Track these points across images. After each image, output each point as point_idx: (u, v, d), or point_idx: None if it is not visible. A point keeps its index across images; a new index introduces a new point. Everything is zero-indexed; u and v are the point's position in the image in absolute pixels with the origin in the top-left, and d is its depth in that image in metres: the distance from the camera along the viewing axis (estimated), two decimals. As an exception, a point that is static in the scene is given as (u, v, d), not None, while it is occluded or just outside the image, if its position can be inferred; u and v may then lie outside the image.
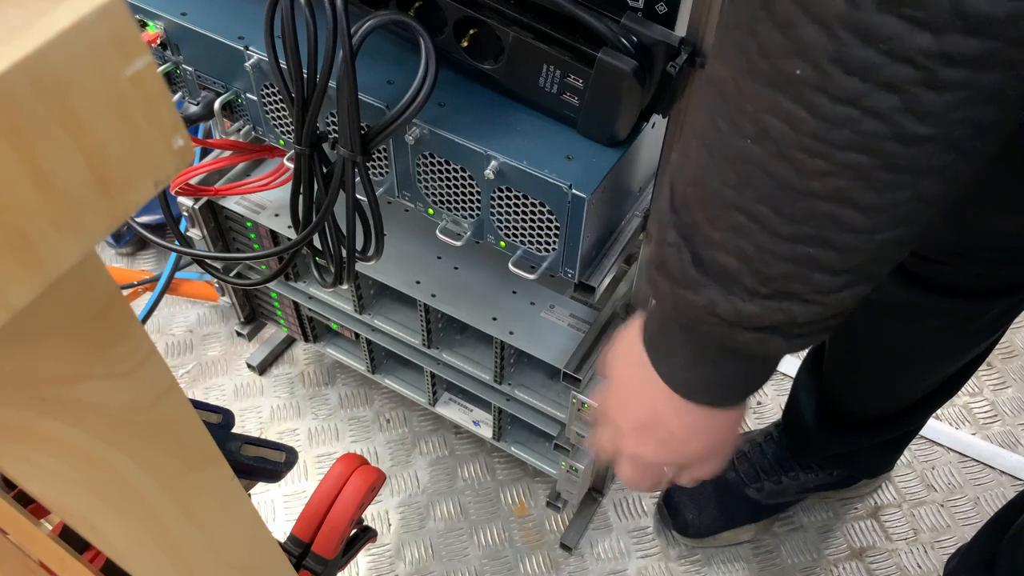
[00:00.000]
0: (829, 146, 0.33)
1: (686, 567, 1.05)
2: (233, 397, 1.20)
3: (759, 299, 0.39)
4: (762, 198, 0.36)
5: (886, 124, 0.31)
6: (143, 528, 0.32)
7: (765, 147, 0.35)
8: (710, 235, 0.39)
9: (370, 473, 0.65)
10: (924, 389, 0.88)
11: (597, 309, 0.82)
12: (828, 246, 0.36)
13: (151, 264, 1.34)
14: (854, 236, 0.35)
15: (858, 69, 0.31)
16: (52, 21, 0.17)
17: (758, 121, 0.35)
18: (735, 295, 0.39)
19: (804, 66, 0.32)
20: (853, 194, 0.34)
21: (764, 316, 0.39)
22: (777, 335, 0.40)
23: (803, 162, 0.34)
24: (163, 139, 0.21)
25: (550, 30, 0.57)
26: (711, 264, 0.39)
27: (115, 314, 0.25)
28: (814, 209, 0.35)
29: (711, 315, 0.40)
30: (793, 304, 0.38)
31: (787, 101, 0.33)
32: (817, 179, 0.34)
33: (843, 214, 0.35)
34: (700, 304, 0.40)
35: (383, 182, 0.68)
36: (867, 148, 0.32)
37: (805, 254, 0.36)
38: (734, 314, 0.40)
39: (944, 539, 1.07)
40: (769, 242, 0.37)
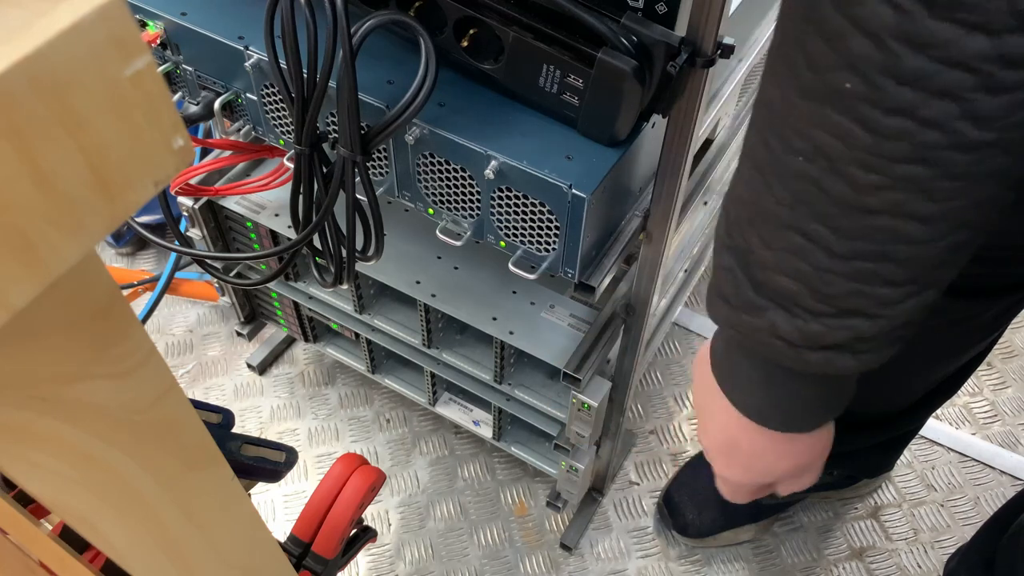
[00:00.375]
0: (884, 160, 0.32)
1: (686, 567, 1.05)
2: (233, 397, 1.20)
3: (822, 318, 0.38)
4: (817, 216, 0.35)
5: (943, 133, 0.31)
6: (143, 528, 0.32)
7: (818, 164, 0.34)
8: (765, 257, 0.38)
9: (370, 473, 0.65)
10: (924, 388, 0.88)
11: (597, 309, 0.82)
12: (888, 260, 0.35)
13: (151, 264, 1.34)
14: (914, 247, 0.34)
15: (911, 79, 0.30)
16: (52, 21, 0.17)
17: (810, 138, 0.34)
18: (797, 316, 0.38)
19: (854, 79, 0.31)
20: (911, 206, 0.33)
21: (829, 335, 0.38)
22: (845, 352, 0.39)
23: (858, 177, 0.33)
24: (163, 139, 0.21)
25: (550, 30, 0.57)
26: (768, 286, 0.39)
27: (115, 314, 0.25)
28: (872, 224, 0.34)
29: (774, 338, 0.39)
30: (858, 320, 0.37)
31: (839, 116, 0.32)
32: (873, 194, 0.33)
33: (902, 227, 0.34)
34: (762, 327, 0.40)
35: (383, 182, 0.68)
36: (924, 159, 0.31)
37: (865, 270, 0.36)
38: (798, 335, 0.39)
39: (944, 539, 1.07)
40: (827, 261, 0.36)
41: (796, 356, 0.40)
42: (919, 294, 0.37)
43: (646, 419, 1.18)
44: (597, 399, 0.78)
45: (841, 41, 0.31)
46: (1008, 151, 0.31)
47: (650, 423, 1.18)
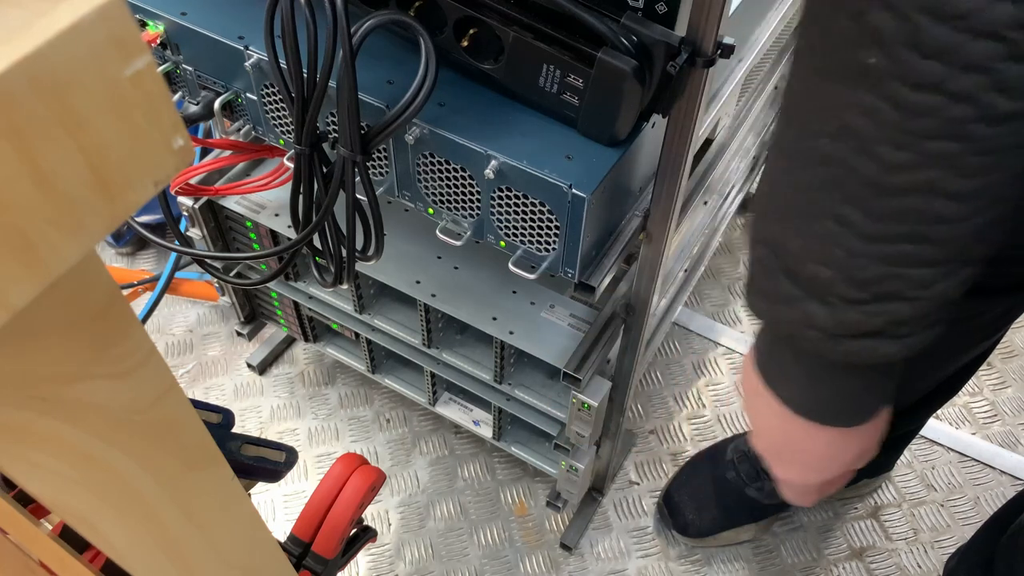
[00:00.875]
0: (914, 137, 0.31)
1: (686, 567, 1.05)
2: (233, 397, 1.20)
3: (858, 305, 0.37)
4: (847, 199, 0.34)
5: (973, 106, 0.30)
6: (143, 528, 0.32)
7: (847, 145, 0.33)
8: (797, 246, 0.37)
9: (370, 473, 0.65)
10: (925, 389, 0.88)
11: (597, 309, 0.82)
12: (923, 240, 0.34)
13: (151, 264, 1.34)
14: (948, 226, 0.34)
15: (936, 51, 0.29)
16: (52, 21, 0.17)
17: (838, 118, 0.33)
18: (832, 305, 0.37)
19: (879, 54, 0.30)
20: (944, 183, 0.32)
21: (867, 321, 0.37)
22: (884, 339, 0.38)
23: (888, 156, 0.32)
24: (163, 139, 0.21)
25: (550, 30, 0.57)
26: (802, 276, 0.38)
27: (115, 314, 0.25)
28: (904, 204, 0.33)
29: (811, 328, 0.39)
30: (895, 304, 0.36)
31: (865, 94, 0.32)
32: (904, 173, 0.32)
33: (935, 205, 0.33)
34: (797, 319, 0.39)
35: (383, 182, 0.68)
36: (955, 134, 0.31)
37: (900, 252, 0.35)
38: (835, 324, 0.38)
39: (944, 539, 1.07)
40: (860, 245, 0.35)
41: (835, 346, 0.39)
42: (956, 273, 0.36)
43: (646, 419, 1.18)
44: (597, 399, 0.78)
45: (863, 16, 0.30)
46: None
47: (650, 423, 1.18)
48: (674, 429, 1.17)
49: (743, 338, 1.26)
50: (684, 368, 1.23)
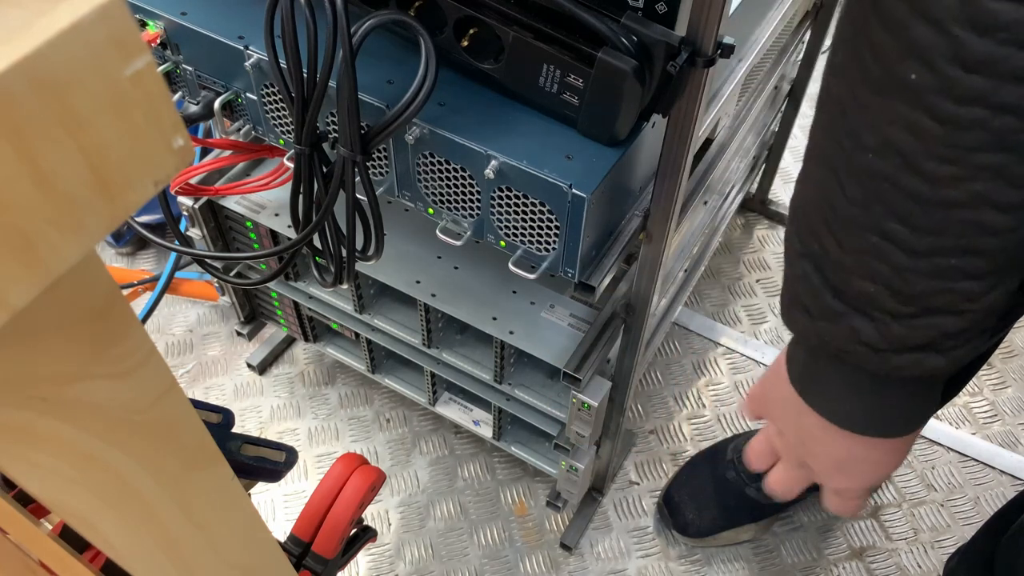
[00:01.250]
0: (960, 150, 0.31)
1: (686, 567, 1.05)
2: (233, 397, 1.20)
3: (905, 319, 0.36)
4: (893, 214, 0.34)
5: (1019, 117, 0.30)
6: (143, 528, 0.32)
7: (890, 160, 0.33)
8: (841, 260, 0.37)
9: (370, 473, 0.65)
10: None
11: (597, 309, 0.82)
12: (971, 253, 0.34)
13: (151, 264, 1.34)
14: (997, 238, 0.33)
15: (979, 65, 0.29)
16: (52, 21, 0.17)
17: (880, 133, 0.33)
18: (878, 320, 0.37)
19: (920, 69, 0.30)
20: (992, 196, 0.32)
21: (914, 336, 0.37)
22: (930, 352, 0.38)
23: (933, 171, 0.32)
24: (163, 139, 0.21)
25: (550, 30, 0.57)
26: (848, 291, 0.37)
27: (115, 314, 0.25)
28: (951, 218, 0.33)
29: (857, 344, 0.38)
30: (942, 318, 0.36)
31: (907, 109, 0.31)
32: (951, 187, 0.32)
33: (984, 218, 0.33)
34: (843, 335, 0.38)
35: (383, 182, 0.68)
36: (1002, 146, 0.30)
37: (947, 266, 0.34)
38: (881, 339, 0.38)
39: (944, 539, 1.07)
40: (906, 260, 0.35)
41: (881, 361, 0.38)
42: (1003, 284, 0.36)
43: (646, 419, 1.18)
44: (597, 399, 0.78)
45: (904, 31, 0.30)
46: None
47: (650, 423, 1.18)
48: (674, 429, 1.17)
49: (743, 338, 1.26)
50: (684, 368, 1.23)
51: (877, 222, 0.35)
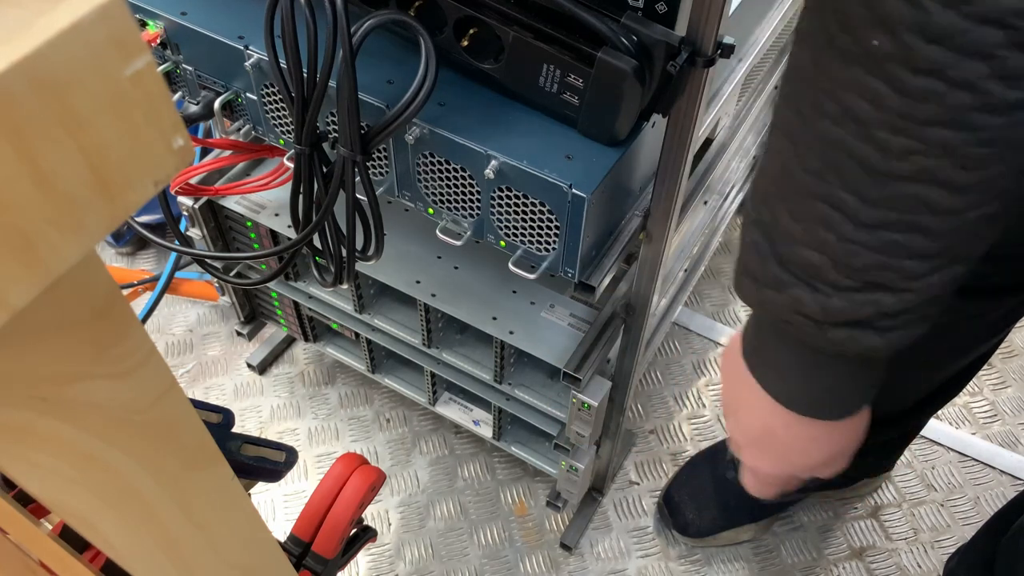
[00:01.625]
0: (913, 123, 0.31)
1: (686, 567, 1.05)
2: (233, 397, 1.20)
3: (845, 292, 0.37)
4: (845, 184, 0.34)
5: (973, 94, 0.30)
6: (143, 528, 0.32)
7: (847, 128, 0.33)
8: (791, 229, 0.37)
9: (370, 473, 0.65)
10: (927, 389, 0.88)
11: (597, 309, 0.82)
12: (916, 231, 0.34)
13: (151, 264, 1.34)
14: (943, 218, 0.33)
15: (940, 36, 0.29)
16: (52, 21, 0.17)
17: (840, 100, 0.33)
18: (820, 291, 0.37)
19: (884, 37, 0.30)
20: (941, 173, 0.32)
21: (852, 310, 0.37)
22: (868, 329, 0.38)
23: (887, 142, 0.32)
24: (163, 139, 0.21)
25: (550, 29, 0.57)
26: (793, 260, 0.38)
27: (115, 314, 0.25)
28: (900, 192, 0.33)
29: (797, 314, 0.39)
30: (882, 294, 0.36)
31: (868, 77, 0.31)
32: (903, 159, 0.32)
33: (931, 195, 0.33)
34: (785, 304, 0.39)
35: (383, 182, 0.68)
36: (954, 122, 0.31)
37: (892, 241, 0.35)
38: (820, 311, 0.38)
39: (944, 539, 1.07)
40: (853, 232, 0.35)
41: (819, 333, 0.39)
42: (946, 268, 0.36)
43: (646, 419, 1.18)
44: (597, 399, 0.78)
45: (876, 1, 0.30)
46: None
47: (650, 423, 1.18)
48: (674, 429, 1.17)
49: (743, 338, 1.26)
50: (684, 368, 1.23)
51: (829, 191, 0.35)
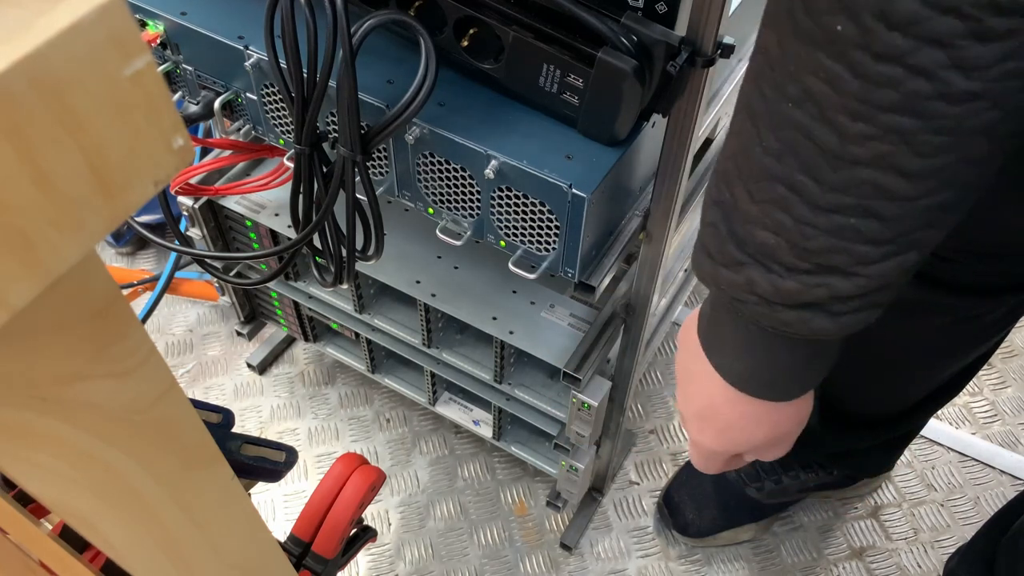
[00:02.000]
0: (872, 108, 0.32)
1: (686, 567, 1.05)
2: (233, 397, 1.20)
3: (798, 274, 0.38)
4: (803, 167, 0.35)
5: (931, 82, 0.30)
6: (143, 528, 0.32)
7: (807, 110, 0.34)
8: (748, 210, 0.38)
9: (370, 473, 0.65)
10: (927, 389, 0.88)
11: (597, 309, 0.82)
12: (871, 215, 0.35)
13: (151, 263, 1.34)
14: (898, 204, 0.34)
15: (901, 23, 0.29)
16: (51, 20, 0.17)
17: (801, 82, 0.33)
18: (773, 272, 0.38)
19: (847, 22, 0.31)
20: (897, 159, 0.33)
21: (804, 292, 0.38)
22: (819, 312, 0.39)
23: (845, 126, 0.33)
24: (163, 139, 0.21)
25: (550, 29, 0.57)
26: (749, 240, 0.39)
27: (115, 314, 0.25)
28: (856, 177, 0.34)
29: (751, 294, 0.40)
30: (834, 278, 0.37)
31: (829, 60, 0.32)
32: (859, 144, 0.33)
33: (886, 181, 0.33)
34: (740, 283, 0.40)
35: (383, 181, 0.68)
36: (911, 109, 0.31)
37: (846, 224, 0.35)
38: (773, 292, 0.39)
39: (944, 539, 1.07)
40: (809, 214, 0.36)
41: (771, 314, 0.40)
42: (899, 255, 0.36)
43: (646, 419, 1.18)
44: (597, 399, 0.78)
45: None
46: (997, 105, 0.31)
47: (650, 423, 1.18)
48: (674, 429, 1.17)
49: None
50: (684, 368, 1.23)
51: (787, 173, 0.36)
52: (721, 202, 0.40)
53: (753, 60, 0.37)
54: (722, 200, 0.40)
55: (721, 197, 0.40)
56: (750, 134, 0.37)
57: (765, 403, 0.46)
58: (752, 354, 0.45)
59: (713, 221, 0.41)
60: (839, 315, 0.39)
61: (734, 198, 0.39)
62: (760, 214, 0.37)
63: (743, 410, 0.47)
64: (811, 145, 0.34)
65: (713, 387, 0.47)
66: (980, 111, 0.31)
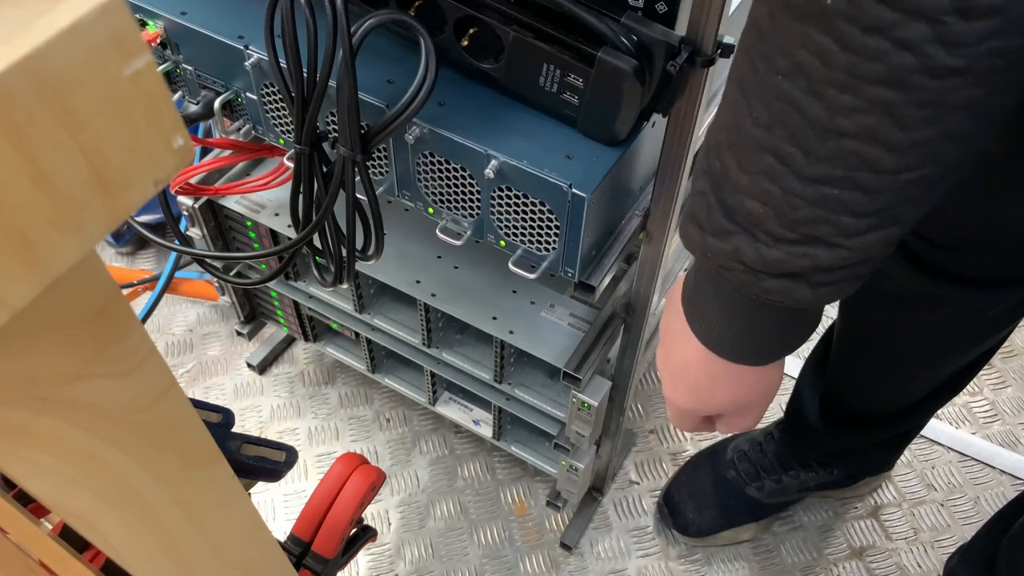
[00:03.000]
0: (859, 80, 0.33)
1: (686, 566, 1.05)
2: (233, 396, 1.20)
3: (784, 244, 0.39)
4: (791, 138, 0.36)
5: (916, 55, 0.31)
6: (143, 527, 0.32)
7: (797, 83, 0.35)
8: (738, 179, 0.39)
9: (370, 472, 0.65)
10: (928, 387, 0.88)
11: (597, 308, 0.82)
12: (855, 187, 0.36)
13: (151, 263, 1.34)
14: (881, 177, 0.35)
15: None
16: (51, 20, 0.17)
17: (791, 56, 0.34)
18: (760, 241, 0.39)
19: None
20: (881, 132, 0.34)
21: (789, 262, 0.39)
22: (802, 282, 0.40)
23: (833, 98, 0.34)
24: (163, 138, 0.21)
25: (550, 29, 0.57)
26: (737, 210, 0.39)
27: (115, 313, 0.25)
28: (842, 148, 0.35)
29: (737, 262, 0.41)
30: (818, 249, 0.38)
31: (819, 34, 0.33)
32: (846, 116, 0.34)
33: (871, 153, 0.34)
34: (727, 251, 0.41)
35: (383, 181, 0.68)
36: (897, 82, 0.32)
37: (832, 196, 0.36)
38: (759, 260, 0.40)
39: (944, 538, 1.07)
40: (796, 184, 0.37)
41: (756, 282, 0.41)
42: (881, 228, 0.37)
43: (646, 419, 1.18)
44: (597, 398, 0.78)
45: None
46: (980, 81, 0.31)
47: (650, 423, 1.18)
48: (674, 429, 1.17)
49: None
50: (684, 368, 1.23)
51: (776, 144, 0.36)
52: (711, 172, 0.41)
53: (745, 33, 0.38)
54: (712, 170, 0.41)
55: (711, 167, 0.41)
56: (741, 106, 0.38)
57: (733, 366, 0.48)
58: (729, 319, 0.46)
59: (703, 190, 0.42)
60: (820, 286, 0.40)
61: (724, 168, 0.40)
62: (749, 184, 0.38)
63: (712, 370, 0.49)
64: (800, 117, 0.35)
65: (688, 347, 0.49)
66: (963, 86, 0.32)
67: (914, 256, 0.73)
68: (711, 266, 0.43)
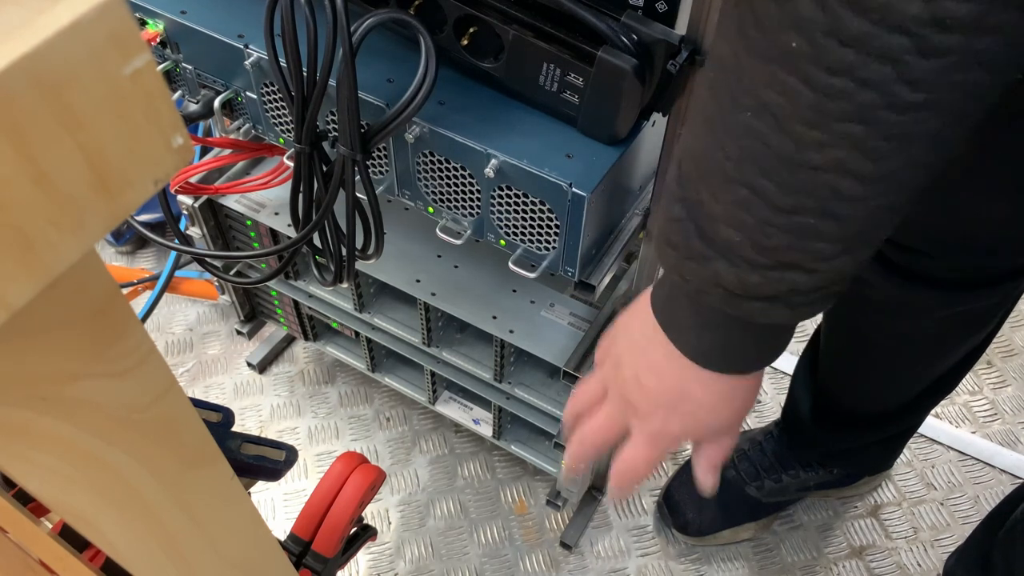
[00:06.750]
0: (826, 117, 0.34)
1: (686, 566, 1.05)
2: (233, 395, 1.20)
3: (761, 270, 0.39)
4: (763, 171, 0.37)
5: (880, 94, 0.32)
6: (143, 527, 0.32)
7: (765, 121, 0.35)
8: (713, 209, 0.40)
9: (370, 471, 0.65)
10: (921, 385, 0.88)
11: (597, 308, 0.82)
12: (827, 216, 0.37)
13: (151, 263, 1.34)
14: (852, 205, 0.36)
15: (852, 40, 0.31)
16: (51, 19, 0.17)
17: (758, 95, 0.35)
18: (738, 267, 0.40)
19: (799, 39, 0.32)
20: (850, 164, 0.35)
21: (767, 286, 0.40)
22: (780, 304, 0.41)
23: (802, 134, 0.35)
24: (163, 137, 0.21)
25: (550, 28, 0.57)
26: (715, 238, 0.40)
27: (114, 313, 0.25)
28: (814, 180, 0.36)
29: (716, 286, 0.41)
30: (795, 273, 0.39)
31: (785, 74, 0.34)
32: (816, 151, 0.35)
33: (842, 184, 0.35)
34: (706, 276, 0.41)
35: (383, 180, 0.68)
36: (862, 118, 0.33)
37: (805, 224, 0.37)
38: (739, 285, 0.40)
39: (944, 537, 1.07)
40: (770, 214, 0.37)
41: (735, 304, 0.42)
42: (853, 252, 0.39)
43: (646, 418, 1.18)
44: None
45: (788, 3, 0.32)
46: (940, 114, 0.33)
47: (650, 422, 1.18)
48: (674, 428, 1.17)
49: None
50: (684, 367, 1.23)
51: (748, 177, 0.37)
52: (686, 199, 0.42)
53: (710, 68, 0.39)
54: (688, 198, 0.41)
55: (686, 195, 0.41)
56: (710, 140, 0.39)
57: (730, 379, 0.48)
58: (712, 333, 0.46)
59: (679, 217, 0.42)
60: (798, 306, 0.41)
61: (699, 198, 0.40)
62: (724, 213, 0.39)
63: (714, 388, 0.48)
64: (770, 152, 0.36)
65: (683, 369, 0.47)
66: (926, 119, 0.33)
67: (888, 260, 0.73)
68: (689, 288, 0.43)
